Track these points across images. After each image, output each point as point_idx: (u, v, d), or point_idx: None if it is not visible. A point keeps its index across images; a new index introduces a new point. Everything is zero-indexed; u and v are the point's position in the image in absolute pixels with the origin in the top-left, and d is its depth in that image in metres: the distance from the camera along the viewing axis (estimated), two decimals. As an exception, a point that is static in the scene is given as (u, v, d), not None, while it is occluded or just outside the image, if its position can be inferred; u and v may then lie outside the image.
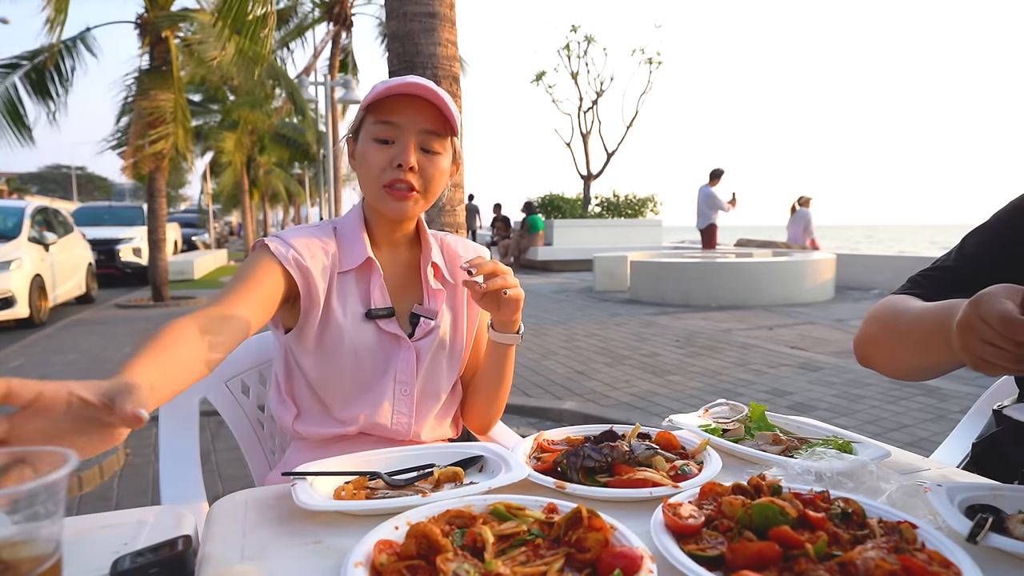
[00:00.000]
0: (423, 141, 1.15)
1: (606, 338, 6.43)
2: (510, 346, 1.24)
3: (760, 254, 10.34)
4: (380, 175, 1.14)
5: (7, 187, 42.22)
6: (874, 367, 1.12)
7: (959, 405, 4.03)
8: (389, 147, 1.13)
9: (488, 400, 1.31)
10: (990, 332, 0.76)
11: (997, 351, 0.76)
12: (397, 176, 1.12)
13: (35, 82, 8.53)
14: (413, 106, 1.13)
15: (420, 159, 1.14)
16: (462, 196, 2.84)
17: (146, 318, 8.48)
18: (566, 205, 17.53)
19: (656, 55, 19.49)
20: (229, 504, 0.88)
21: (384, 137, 1.13)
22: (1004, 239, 1.05)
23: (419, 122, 1.13)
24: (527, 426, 4.03)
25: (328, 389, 1.19)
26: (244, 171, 21.02)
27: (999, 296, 0.77)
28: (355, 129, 1.20)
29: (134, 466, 3.44)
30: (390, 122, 1.13)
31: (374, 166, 1.14)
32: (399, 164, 1.12)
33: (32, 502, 0.53)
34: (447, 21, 2.72)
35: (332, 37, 15.87)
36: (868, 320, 1.11)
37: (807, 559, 0.63)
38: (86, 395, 0.67)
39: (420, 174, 1.14)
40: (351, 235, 1.21)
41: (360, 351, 1.17)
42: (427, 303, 1.24)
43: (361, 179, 1.18)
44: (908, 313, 1.01)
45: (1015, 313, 0.74)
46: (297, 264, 1.12)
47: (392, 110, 1.13)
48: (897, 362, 1.06)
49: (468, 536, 0.69)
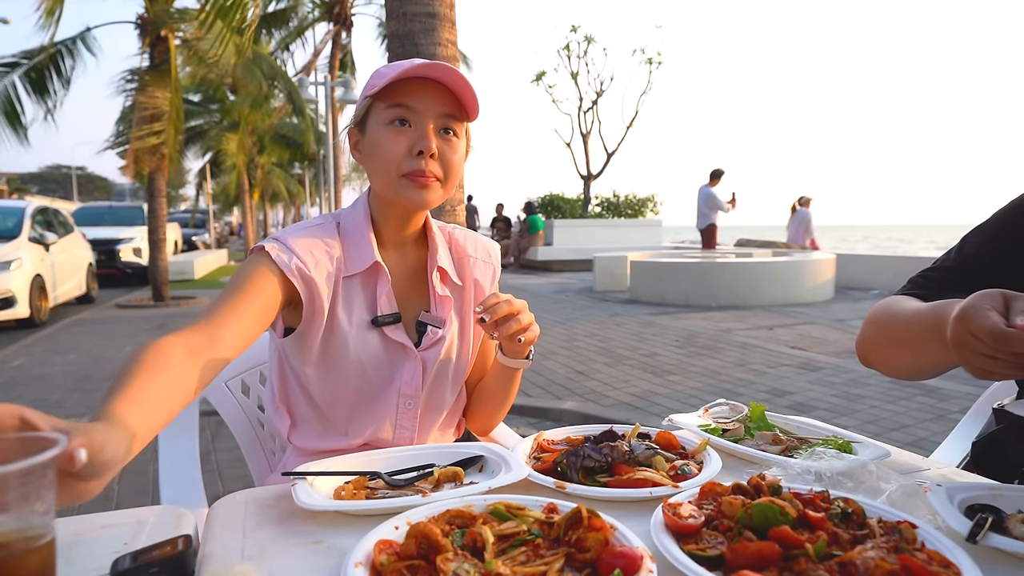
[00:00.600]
0: (441, 124, 1.06)
1: (606, 338, 6.44)
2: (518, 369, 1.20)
3: (760, 254, 10.34)
4: (399, 163, 1.04)
5: (7, 187, 42.20)
6: (875, 368, 1.12)
7: (959, 405, 4.03)
8: (406, 131, 1.05)
9: (493, 409, 1.29)
10: (984, 347, 0.76)
11: (995, 362, 0.76)
12: (417, 166, 1.04)
13: (34, 81, 8.53)
14: (428, 89, 1.04)
15: (440, 144, 1.06)
16: (462, 196, 2.84)
17: (146, 318, 8.48)
18: (566, 205, 17.54)
19: (656, 55, 19.51)
20: (229, 504, 0.88)
21: (401, 118, 1.05)
22: (1004, 238, 1.05)
23: (435, 105, 1.05)
24: (527, 426, 4.03)
25: (330, 402, 1.14)
26: (244, 171, 21.02)
27: (982, 308, 0.77)
28: (360, 119, 1.11)
29: (134, 466, 3.44)
30: (405, 105, 1.04)
31: (390, 153, 1.04)
32: (419, 151, 1.04)
33: (24, 482, 0.55)
34: (447, 21, 2.72)
35: (332, 37, 15.88)
36: (867, 322, 1.12)
37: (807, 559, 0.63)
38: (36, 420, 0.59)
39: (440, 160, 1.06)
40: (356, 234, 1.13)
41: (365, 361, 1.12)
42: (434, 311, 1.18)
43: (373, 169, 1.09)
44: (901, 315, 1.01)
45: (1002, 326, 0.74)
46: (300, 274, 1.05)
47: (406, 93, 1.04)
48: (895, 363, 1.07)
49: (468, 536, 0.69)
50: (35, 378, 5.27)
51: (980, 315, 0.76)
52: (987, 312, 0.76)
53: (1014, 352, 0.74)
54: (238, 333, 0.96)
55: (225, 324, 0.95)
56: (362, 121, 1.10)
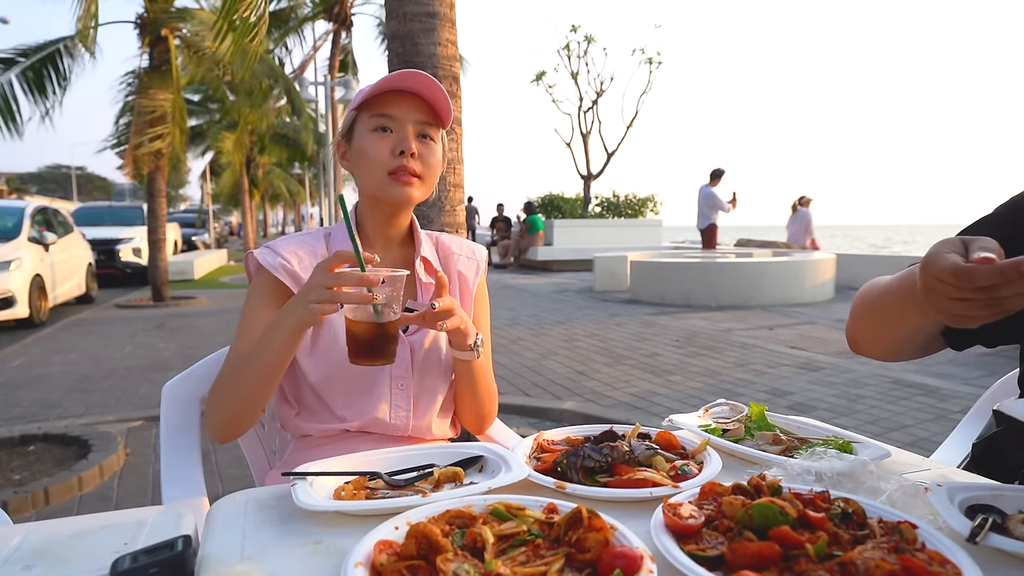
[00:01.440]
0: (420, 130, 1.19)
1: (606, 338, 6.44)
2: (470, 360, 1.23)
3: (760, 254, 10.34)
4: (384, 163, 1.17)
5: (7, 187, 42.23)
6: (864, 353, 1.14)
7: (959, 405, 4.04)
8: (388, 136, 1.17)
9: (471, 403, 1.30)
10: (950, 288, 0.77)
11: (966, 303, 0.77)
12: (400, 163, 1.16)
13: (32, 80, 8.52)
14: (406, 100, 1.18)
15: (419, 146, 1.18)
16: (462, 196, 2.84)
17: (146, 318, 8.48)
18: (566, 205, 17.54)
19: (656, 55, 19.50)
20: (229, 504, 0.88)
21: (383, 126, 1.17)
22: (1004, 236, 1.05)
23: (413, 113, 1.18)
24: (527, 426, 4.03)
25: (327, 387, 1.21)
26: (244, 171, 21.02)
27: (942, 253, 0.78)
28: (346, 131, 1.23)
29: (134, 466, 3.44)
30: (386, 114, 1.17)
31: (375, 155, 1.17)
32: (401, 151, 1.16)
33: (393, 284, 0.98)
34: (447, 21, 2.72)
35: (332, 37, 15.87)
36: (852, 305, 1.15)
37: (807, 559, 0.63)
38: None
39: (420, 160, 1.18)
40: (343, 238, 1.24)
41: None
42: (420, 298, 1.26)
43: (361, 172, 1.21)
44: (879, 285, 1.05)
45: (962, 263, 0.75)
46: (285, 269, 1.17)
47: (387, 104, 1.17)
48: (882, 339, 1.08)
49: (468, 536, 0.69)
50: (35, 378, 5.27)
51: (940, 258, 0.77)
52: (946, 255, 0.77)
53: (978, 287, 0.74)
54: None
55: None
56: (348, 132, 1.23)
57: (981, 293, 0.75)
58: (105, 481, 3.26)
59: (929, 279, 0.79)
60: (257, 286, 1.19)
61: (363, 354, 1.01)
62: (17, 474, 3.23)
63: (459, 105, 2.81)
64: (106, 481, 3.26)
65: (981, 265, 0.74)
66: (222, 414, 1.11)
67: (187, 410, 1.34)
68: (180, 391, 1.35)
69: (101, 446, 3.49)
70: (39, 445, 3.63)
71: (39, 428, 3.81)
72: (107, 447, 3.48)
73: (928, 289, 0.80)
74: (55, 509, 2.94)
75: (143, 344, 6.67)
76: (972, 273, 0.74)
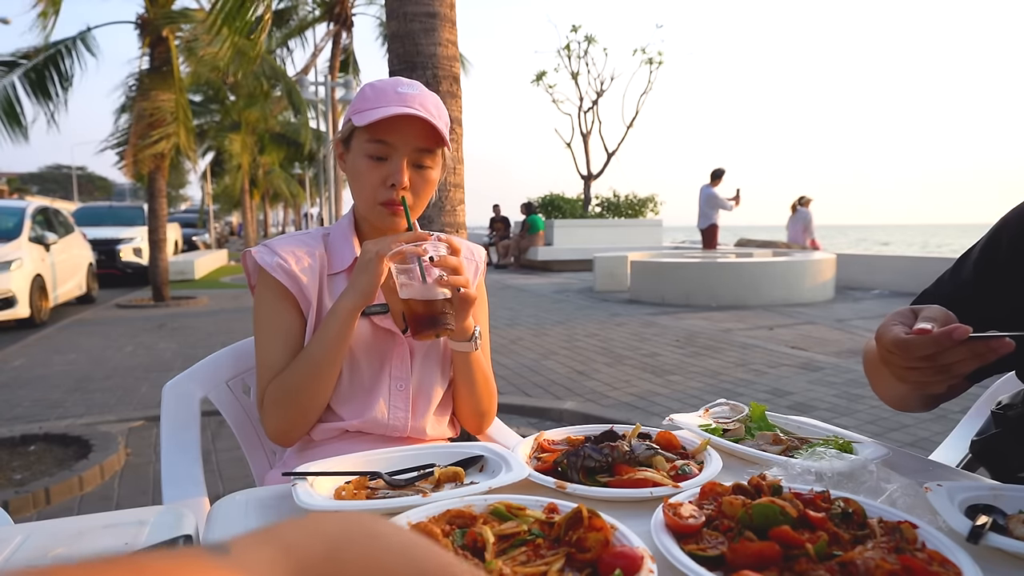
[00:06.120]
0: (415, 159, 1.17)
1: (606, 338, 6.44)
2: (469, 353, 1.23)
3: (760, 254, 10.34)
4: (374, 193, 1.17)
5: (8, 187, 42.24)
6: (888, 404, 1.15)
7: (959, 405, 4.01)
8: (382, 165, 1.16)
9: (470, 399, 1.30)
10: (898, 359, 0.80)
11: (917, 372, 0.80)
12: (390, 196, 1.16)
13: (35, 82, 8.52)
14: (405, 124, 1.15)
15: (412, 176, 1.17)
16: (462, 196, 2.83)
17: (146, 318, 8.48)
18: (566, 205, 17.53)
19: (657, 55, 19.48)
20: (229, 504, 0.88)
21: (377, 154, 1.16)
22: (986, 260, 1.03)
23: (411, 141, 1.16)
24: (527, 426, 4.03)
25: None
26: (247, 171, 21.00)
27: (889, 325, 0.82)
28: (345, 137, 1.21)
29: (135, 466, 3.44)
30: (383, 141, 1.15)
31: (368, 184, 1.17)
32: (392, 184, 1.15)
33: (435, 249, 1.10)
34: (447, 21, 2.72)
35: (333, 37, 15.86)
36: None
37: (807, 559, 0.63)
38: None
39: (412, 190, 1.18)
40: (341, 239, 1.25)
41: (356, 347, 1.20)
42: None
43: (354, 191, 1.22)
44: (869, 351, 1.06)
45: (902, 335, 0.78)
46: (282, 269, 1.18)
47: (384, 130, 1.14)
48: (888, 397, 1.10)
49: (468, 536, 0.69)
50: (35, 378, 5.27)
51: (886, 331, 0.81)
52: (891, 327, 0.81)
53: (920, 356, 0.77)
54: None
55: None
56: (347, 139, 1.21)
57: (925, 362, 0.77)
58: (106, 481, 3.26)
59: (882, 352, 0.83)
60: (264, 291, 1.20)
61: (424, 327, 1.07)
62: (18, 474, 3.23)
63: (459, 105, 2.81)
64: (107, 481, 3.26)
65: (918, 336, 0.76)
66: (290, 419, 1.16)
67: (187, 410, 1.34)
68: (181, 391, 1.35)
69: (102, 446, 3.49)
70: (40, 445, 3.63)
71: (40, 428, 3.82)
72: (108, 447, 3.48)
73: (884, 361, 0.83)
74: (56, 509, 2.95)
75: (144, 344, 6.67)
76: (910, 344, 0.77)
